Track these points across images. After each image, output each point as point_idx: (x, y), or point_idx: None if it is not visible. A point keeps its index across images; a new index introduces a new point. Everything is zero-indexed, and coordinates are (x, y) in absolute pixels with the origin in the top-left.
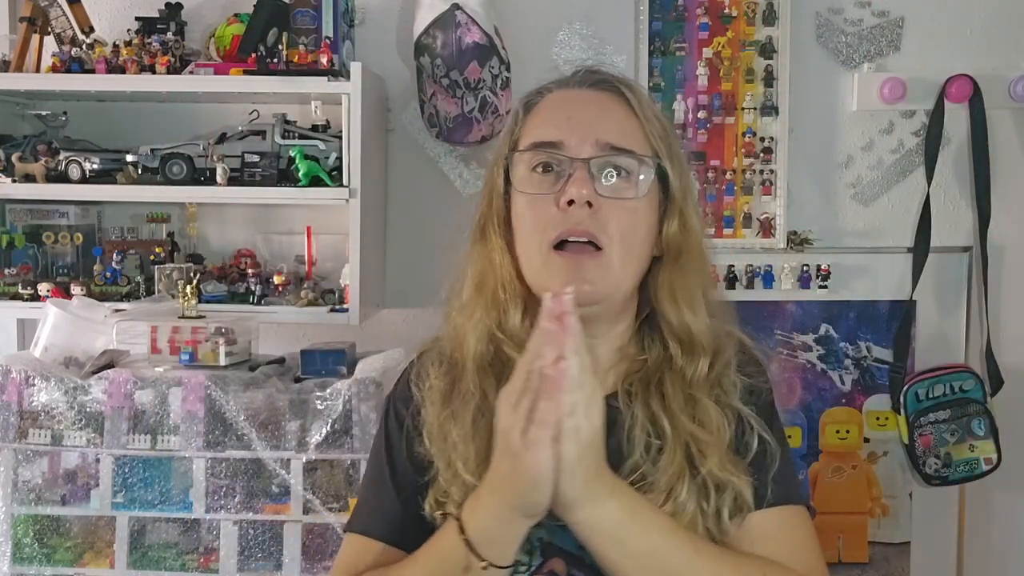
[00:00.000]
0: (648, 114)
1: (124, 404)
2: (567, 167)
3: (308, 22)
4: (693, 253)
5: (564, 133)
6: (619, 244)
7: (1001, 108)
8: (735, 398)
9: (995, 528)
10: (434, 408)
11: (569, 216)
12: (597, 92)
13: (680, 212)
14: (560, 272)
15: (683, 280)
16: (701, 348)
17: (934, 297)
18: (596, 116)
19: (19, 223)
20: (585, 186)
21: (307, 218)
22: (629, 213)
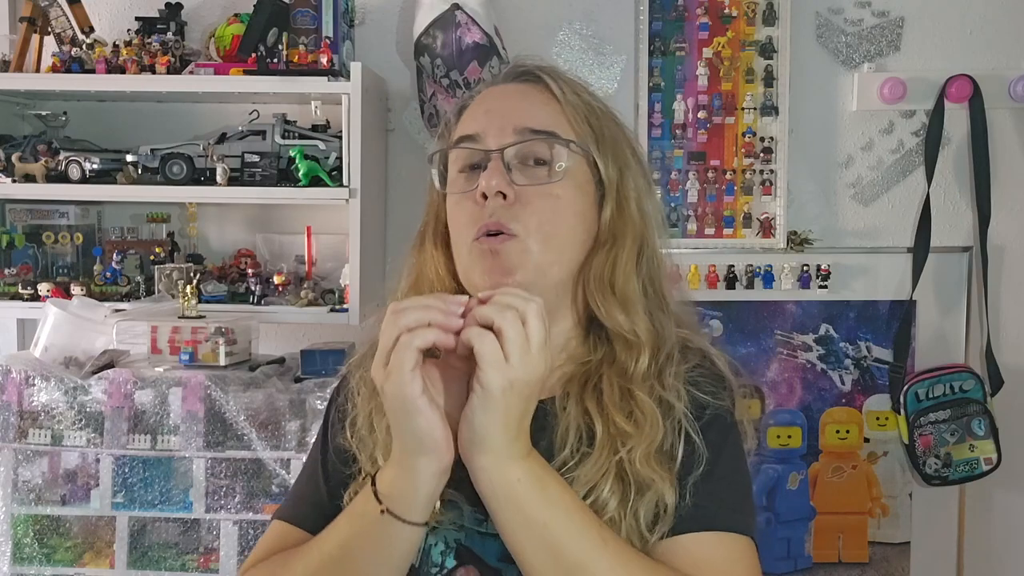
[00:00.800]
0: (570, 98)
1: (124, 404)
2: (482, 161)
3: (308, 22)
4: (629, 240)
5: (482, 125)
6: (536, 230)
7: (1001, 108)
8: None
9: (995, 528)
10: (362, 399)
11: (485, 209)
12: (518, 84)
13: (616, 197)
14: (481, 262)
15: (613, 264)
16: (636, 339)
17: (934, 297)
18: (513, 105)
19: (19, 223)
20: (495, 177)
21: (307, 218)
22: (549, 199)
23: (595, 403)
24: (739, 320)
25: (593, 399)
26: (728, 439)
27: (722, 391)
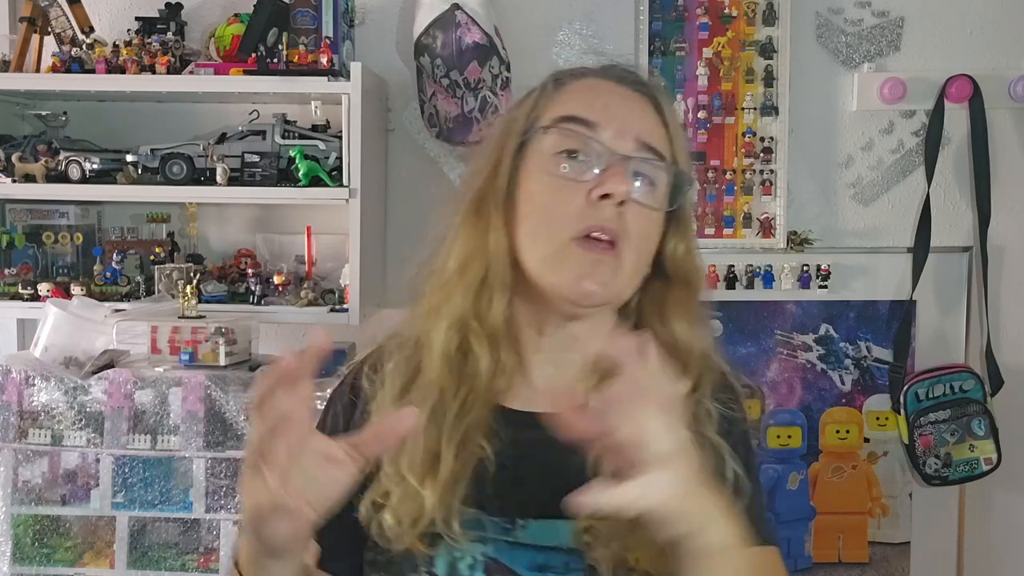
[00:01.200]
0: (676, 127)
1: (124, 404)
2: (602, 158)
3: (308, 22)
4: (696, 276)
5: (600, 117)
6: (635, 250)
7: (1001, 108)
8: (710, 429)
9: (995, 528)
10: (388, 397)
11: (599, 211)
12: (632, 91)
13: (687, 232)
14: (576, 266)
15: (689, 302)
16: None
17: (934, 297)
18: (634, 113)
19: (19, 223)
20: (625, 183)
21: (307, 218)
22: (648, 221)
23: None
24: (739, 320)
25: None
26: (749, 451)
27: (735, 401)
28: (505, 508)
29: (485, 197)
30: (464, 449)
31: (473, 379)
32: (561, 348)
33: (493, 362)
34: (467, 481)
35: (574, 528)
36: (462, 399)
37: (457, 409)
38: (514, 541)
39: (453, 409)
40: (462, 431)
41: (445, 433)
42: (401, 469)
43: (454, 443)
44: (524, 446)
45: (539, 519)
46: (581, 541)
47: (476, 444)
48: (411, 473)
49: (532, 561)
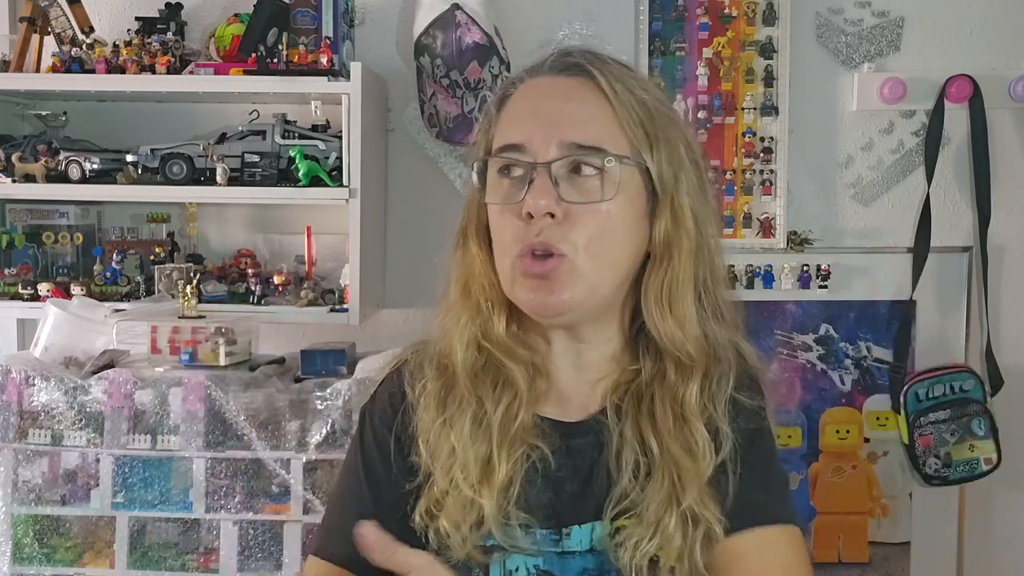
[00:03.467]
0: (624, 98)
1: (124, 404)
2: (528, 172)
3: (308, 22)
4: (685, 251)
5: (527, 132)
6: (585, 250)
7: (1001, 108)
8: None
9: (995, 528)
10: (429, 413)
11: (531, 228)
12: (566, 79)
13: (671, 205)
14: (525, 283)
15: (671, 283)
16: (691, 361)
17: (934, 297)
18: (562, 110)
19: (19, 223)
20: (544, 196)
21: (307, 218)
22: (599, 216)
23: (650, 427)
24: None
25: (648, 423)
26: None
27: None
28: (551, 518)
29: (465, 230)
30: (515, 451)
31: (513, 386)
32: (575, 352)
33: (523, 367)
34: (520, 485)
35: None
36: (506, 405)
37: (502, 416)
38: (562, 551)
39: (498, 415)
40: (511, 435)
41: (495, 438)
42: (455, 479)
43: (505, 447)
44: (562, 455)
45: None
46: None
47: (528, 445)
48: (465, 481)
49: (581, 567)
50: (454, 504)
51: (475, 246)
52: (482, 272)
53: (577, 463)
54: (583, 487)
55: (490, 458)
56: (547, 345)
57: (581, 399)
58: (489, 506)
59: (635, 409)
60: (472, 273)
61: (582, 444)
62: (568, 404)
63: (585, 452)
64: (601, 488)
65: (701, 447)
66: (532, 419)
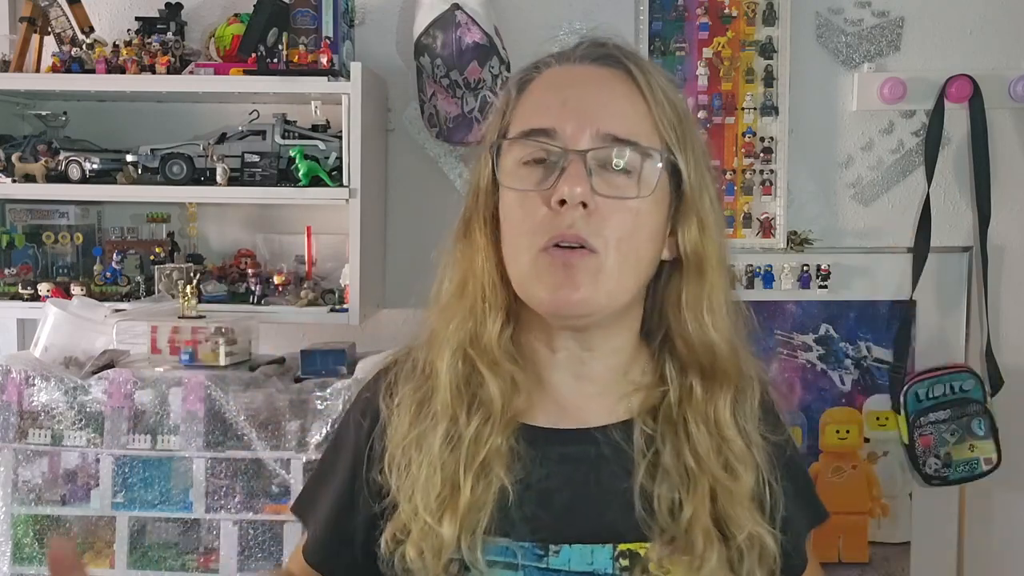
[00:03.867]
0: (659, 97)
1: (124, 404)
2: (560, 160)
3: (308, 22)
4: (713, 259)
5: (558, 119)
6: (615, 249)
7: (1001, 108)
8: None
9: (995, 528)
10: (400, 429)
11: (561, 218)
12: (600, 69)
13: (697, 212)
14: (548, 276)
15: (705, 291)
16: (724, 373)
17: (934, 297)
18: (597, 99)
19: (19, 223)
20: (579, 184)
21: (307, 218)
22: (630, 214)
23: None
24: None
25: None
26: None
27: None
28: (536, 533)
29: (470, 219)
30: (484, 476)
31: (488, 403)
32: (579, 361)
33: (503, 384)
34: (490, 508)
35: (611, 553)
36: (477, 425)
37: (473, 435)
38: (546, 568)
39: (469, 435)
40: (480, 458)
41: (463, 461)
42: (418, 506)
43: (472, 471)
44: (552, 464)
45: (573, 544)
46: (618, 567)
47: (498, 470)
48: (427, 510)
49: None
50: (418, 531)
51: (481, 237)
52: (484, 267)
53: (570, 473)
54: (579, 502)
55: (457, 481)
56: (549, 353)
57: (578, 411)
58: (450, 533)
59: (673, 435)
60: (473, 268)
61: (577, 453)
62: (564, 414)
63: (581, 463)
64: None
65: (742, 462)
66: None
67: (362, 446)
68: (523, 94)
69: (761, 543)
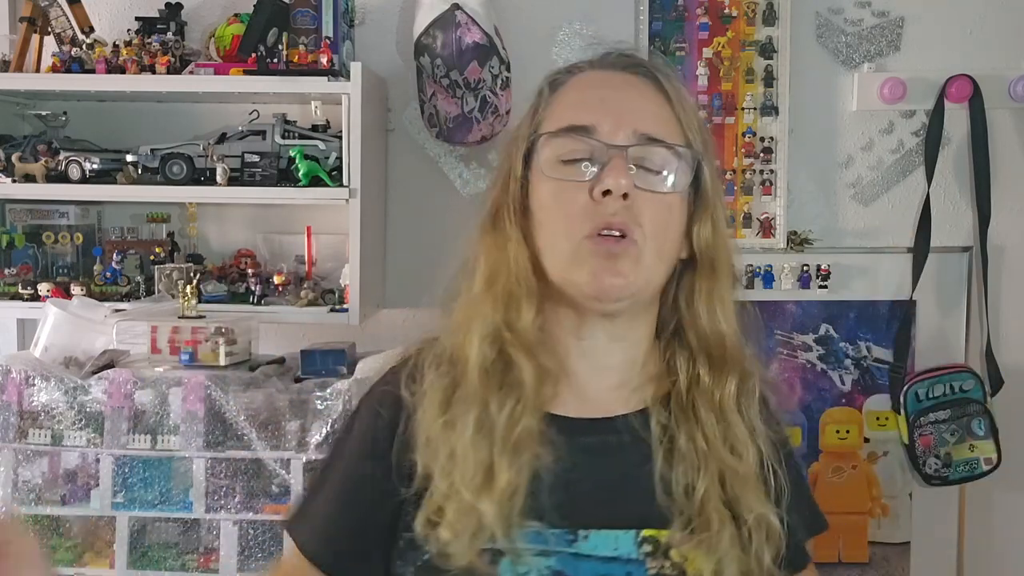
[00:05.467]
0: (685, 104)
1: (124, 404)
2: (601, 155)
3: (308, 22)
4: (724, 258)
5: (597, 117)
6: (652, 239)
7: (1001, 108)
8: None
9: (995, 528)
10: (430, 415)
11: (604, 207)
12: (631, 76)
13: (711, 213)
14: (592, 262)
15: (717, 287)
16: (730, 362)
17: (934, 297)
18: (631, 101)
19: (19, 223)
20: (623, 176)
21: (307, 218)
22: (663, 208)
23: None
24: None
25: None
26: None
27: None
28: (565, 519)
29: (499, 211)
30: (518, 459)
31: (519, 388)
32: (603, 351)
33: (536, 370)
34: (524, 492)
35: (635, 538)
36: (510, 409)
37: (506, 420)
38: (577, 552)
39: (501, 420)
40: (513, 441)
41: (497, 444)
42: (455, 484)
43: (507, 453)
44: (577, 453)
45: (600, 529)
46: (642, 552)
47: (530, 453)
48: (465, 488)
49: (596, 572)
50: (454, 512)
51: (512, 228)
52: (517, 256)
53: (594, 462)
54: (603, 490)
55: (491, 465)
56: (575, 341)
57: (598, 400)
58: (490, 515)
59: (686, 421)
60: (504, 259)
61: (599, 442)
62: (585, 403)
63: (603, 451)
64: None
65: (743, 444)
66: (539, 423)
67: (379, 435)
68: (556, 92)
69: (768, 524)
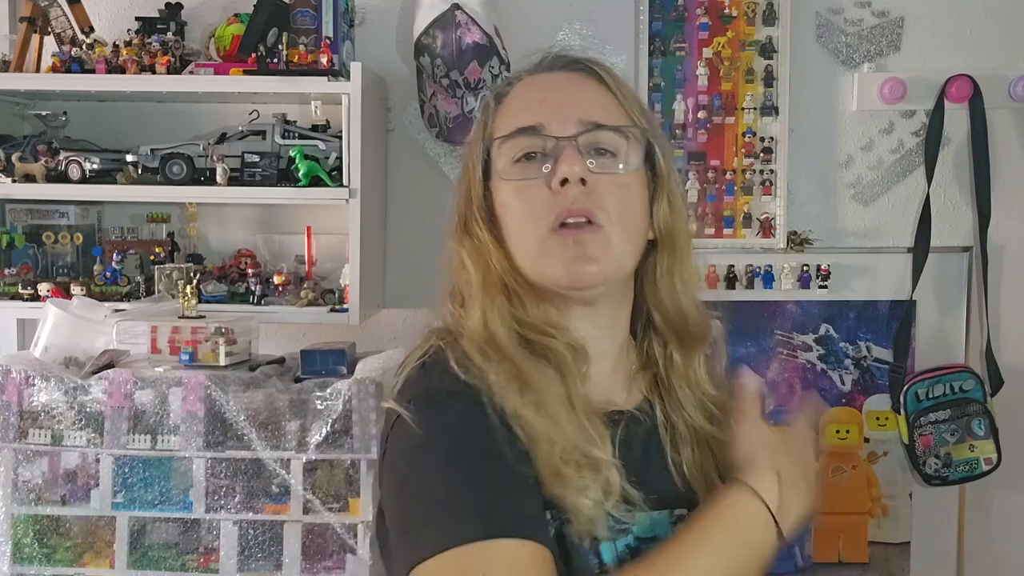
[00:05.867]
0: (625, 91)
1: (124, 404)
2: (553, 149)
3: (308, 22)
4: (683, 234)
5: (542, 116)
6: (617, 221)
7: (1001, 108)
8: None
9: (995, 528)
10: (511, 399)
11: (564, 196)
12: (568, 73)
13: (667, 192)
14: (561, 252)
15: (677, 264)
16: (695, 336)
17: (934, 297)
18: (572, 95)
19: (19, 223)
20: (577, 163)
21: (307, 218)
22: (622, 189)
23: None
24: (739, 320)
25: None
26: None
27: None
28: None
29: (467, 221)
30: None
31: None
32: (593, 340)
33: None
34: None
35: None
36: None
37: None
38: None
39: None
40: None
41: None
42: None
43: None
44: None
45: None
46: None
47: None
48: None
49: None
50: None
51: (484, 233)
52: (497, 258)
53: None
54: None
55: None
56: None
57: (604, 388)
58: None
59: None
60: (487, 261)
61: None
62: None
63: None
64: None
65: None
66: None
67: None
68: (501, 104)
69: None
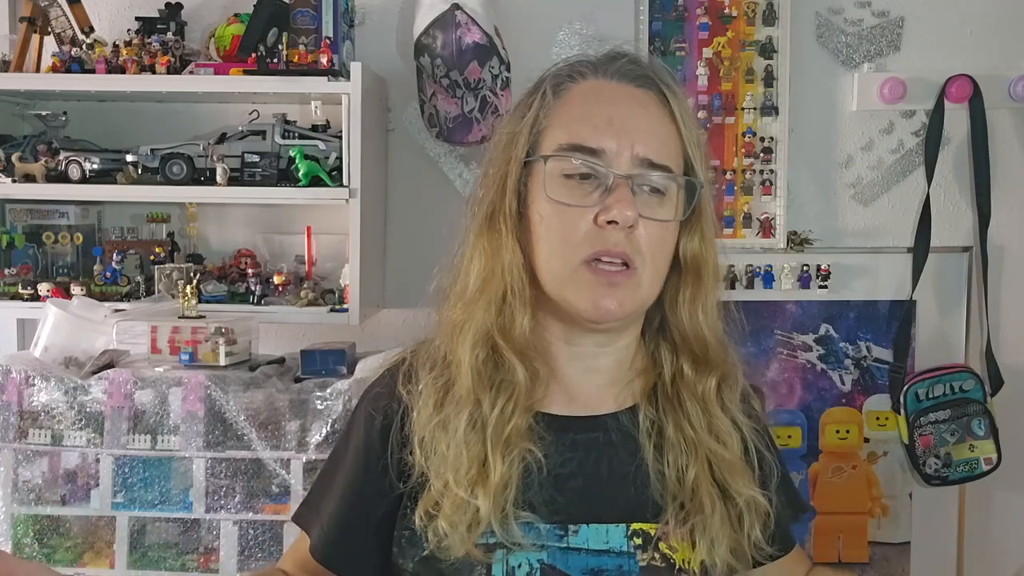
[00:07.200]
0: (688, 122)
1: (124, 404)
2: (606, 180)
3: (308, 22)
4: (710, 266)
5: (605, 140)
6: (650, 263)
7: (1001, 108)
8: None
9: (995, 528)
10: (424, 415)
11: (606, 235)
12: (636, 89)
13: (701, 224)
14: (591, 289)
15: (700, 293)
16: (713, 362)
17: (934, 297)
18: (639, 120)
19: (19, 223)
20: (630, 208)
21: (307, 218)
22: (661, 231)
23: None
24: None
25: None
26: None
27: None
28: (555, 515)
29: (495, 215)
30: (510, 453)
31: (511, 388)
32: (592, 355)
33: (527, 371)
34: (516, 485)
35: (625, 532)
36: (501, 407)
37: (497, 417)
38: (567, 547)
39: (493, 417)
40: (505, 437)
41: (490, 440)
42: (450, 480)
43: (499, 448)
44: (567, 450)
45: (590, 524)
46: (632, 544)
47: (522, 448)
48: (461, 482)
49: (586, 566)
50: (450, 505)
51: (507, 233)
52: (512, 263)
53: (583, 459)
54: (593, 485)
55: (485, 460)
56: (564, 347)
57: (587, 399)
58: (485, 507)
59: (672, 411)
60: (500, 263)
61: (588, 439)
62: (574, 403)
63: (592, 448)
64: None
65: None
66: (528, 421)
67: (374, 436)
68: (560, 99)
69: (756, 503)
